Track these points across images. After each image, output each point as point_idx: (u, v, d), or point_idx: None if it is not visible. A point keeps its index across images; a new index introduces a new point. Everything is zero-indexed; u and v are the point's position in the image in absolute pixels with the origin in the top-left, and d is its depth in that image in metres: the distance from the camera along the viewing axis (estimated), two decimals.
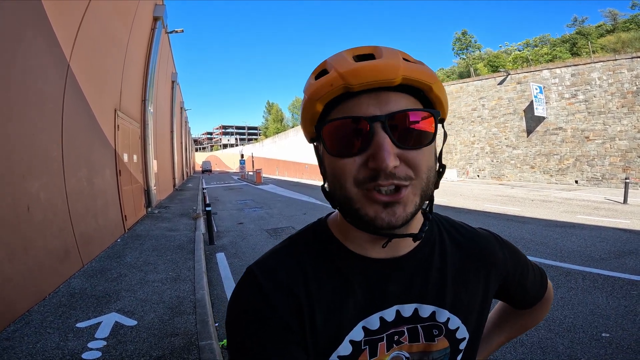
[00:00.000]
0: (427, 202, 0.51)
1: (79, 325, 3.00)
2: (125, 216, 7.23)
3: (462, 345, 0.58)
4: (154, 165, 10.63)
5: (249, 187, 20.86)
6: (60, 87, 4.51)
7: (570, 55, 19.22)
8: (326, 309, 0.52)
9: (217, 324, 3.20)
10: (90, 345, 2.65)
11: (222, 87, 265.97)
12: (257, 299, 0.51)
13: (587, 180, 14.23)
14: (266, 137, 62.62)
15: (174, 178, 18.50)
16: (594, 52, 16.31)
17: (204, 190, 11.48)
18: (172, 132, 18.96)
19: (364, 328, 0.53)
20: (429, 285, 0.55)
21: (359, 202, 0.46)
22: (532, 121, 15.87)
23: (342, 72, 0.44)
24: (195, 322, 2.99)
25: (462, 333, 0.57)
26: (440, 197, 11.52)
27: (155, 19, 10.78)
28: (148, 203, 9.95)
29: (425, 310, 0.54)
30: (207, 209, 7.12)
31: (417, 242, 0.55)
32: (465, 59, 30.63)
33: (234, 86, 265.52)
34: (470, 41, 31.64)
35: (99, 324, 3.02)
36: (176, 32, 13.81)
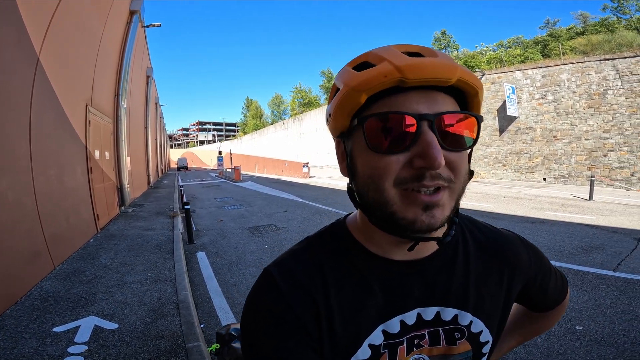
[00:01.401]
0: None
1: (56, 329, 2.86)
2: (98, 215, 6.94)
3: (486, 349, 0.57)
4: (127, 162, 10.27)
5: (228, 185, 20.50)
6: (29, 82, 4.26)
7: (541, 57, 20.02)
8: (345, 312, 0.50)
9: (202, 325, 3.13)
10: (70, 350, 2.54)
11: (199, 83, 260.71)
12: (275, 301, 0.49)
13: (554, 178, 14.97)
14: (245, 133, 61.80)
15: (148, 175, 17.92)
16: (564, 54, 17.05)
17: (181, 188, 11.17)
18: (146, 128, 18.34)
19: (384, 332, 0.51)
20: (451, 288, 0.54)
21: (395, 204, 0.44)
22: (505, 120, 16.49)
23: (399, 65, 0.42)
24: (180, 324, 2.91)
25: (486, 336, 0.56)
26: None
27: (132, 13, 10.42)
28: (121, 202, 9.64)
29: (448, 313, 0.53)
30: (186, 207, 6.95)
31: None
32: None
33: (212, 82, 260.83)
34: (449, 41, 32.38)
35: (77, 327, 2.90)
36: (153, 26, 13.31)
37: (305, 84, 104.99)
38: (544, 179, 15.30)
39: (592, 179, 10.33)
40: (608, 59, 13.23)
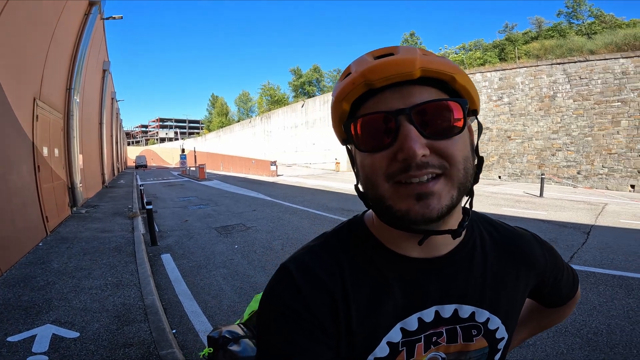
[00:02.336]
0: (467, 197, 0.51)
1: (10, 339, 2.62)
2: (47, 217, 6.43)
3: (501, 345, 0.58)
4: (79, 160, 9.63)
5: (192, 183, 19.73)
6: None
7: (499, 60, 21.08)
8: (363, 310, 0.50)
9: (174, 331, 2.97)
10: None
11: (161, 78, 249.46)
12: (293, 298, 0.49)
13: (508, 176, 16.01)
14: (210, 131, 59.83)
15: (103, 174, 16.86)
16: (519, 57, 18.13)
17: (141, 187, 10.57)
18: (100, 124, 17.24)
19: (402, 329, 0.51)
20: (469, 286, 0.54)
21: (390, 198, 0.46)
22: None
23: (362, 70, 0.46)
24: (149, 330, 2.74)
25: (502, 333, 0.57)
26: None
27: (92, 4, 9.88)
28: (73, 202, 9.05)
29: (465, 310, 0.54)
30: (148, 207, 6.57)
31: (458, 242, 0.54)
32: None
33: (174, 78, 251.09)
34: (416, 43, 33.19)
35: (33, 337, 2.66)
36: (114, 18, 12.52)
37: (274, 81, 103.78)
38: (499, 177, 16.31)
39: (543, 176, 11.15)
40: (559, 63, 14.35)
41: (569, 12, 23.27)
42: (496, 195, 11.22)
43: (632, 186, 12.37)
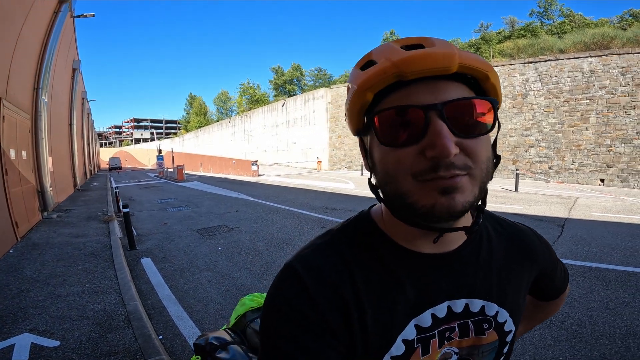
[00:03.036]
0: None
1: None
2: (16, 223, 6.09)
3: (509, 338, 0.59)
4: (48, 162, 9.22)
5: (170, 185, 19.19)
6: None
7: None
8: (376, 308, 0.49)
9: (160, 337, 2.86)
10: None
11: (136, 78, 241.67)
12: (298, 297, 0.47)
13: None
14: (187, 131, 58.38)
15: (74, 177, 16.15)
16: (493, 57, 18.66)
17: (116, 190, 10.17)
18: (71, 125, 16.49)
19: (416, 326, 0.51)
20: (477, 280, 0.54)
21: (414, 195, 0.44)
22: None
23: (395, 60, 0.43)
24: (134, 337, 2.63)
25: (509, 326, 0.58)
26: (366, 189, 12.18)
27: (61, 2, 9.44)
28: (43, 206, 8.65)
29: (476, 305, 0.54)
30: (125, 210, 6.32)
31: (465, 237, 0.54)
32: None
33: (150, 77, 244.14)
34: None
35: (11, 346, 2.53)
36: (85, 16, 12.01)
37: (254, 80, 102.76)
38: None
39: (517, 172, 11.58)
40: (531, 62, 14.92)
41: (541, 11, 24.24)
42: None
43: (602, 180, 13.02)
